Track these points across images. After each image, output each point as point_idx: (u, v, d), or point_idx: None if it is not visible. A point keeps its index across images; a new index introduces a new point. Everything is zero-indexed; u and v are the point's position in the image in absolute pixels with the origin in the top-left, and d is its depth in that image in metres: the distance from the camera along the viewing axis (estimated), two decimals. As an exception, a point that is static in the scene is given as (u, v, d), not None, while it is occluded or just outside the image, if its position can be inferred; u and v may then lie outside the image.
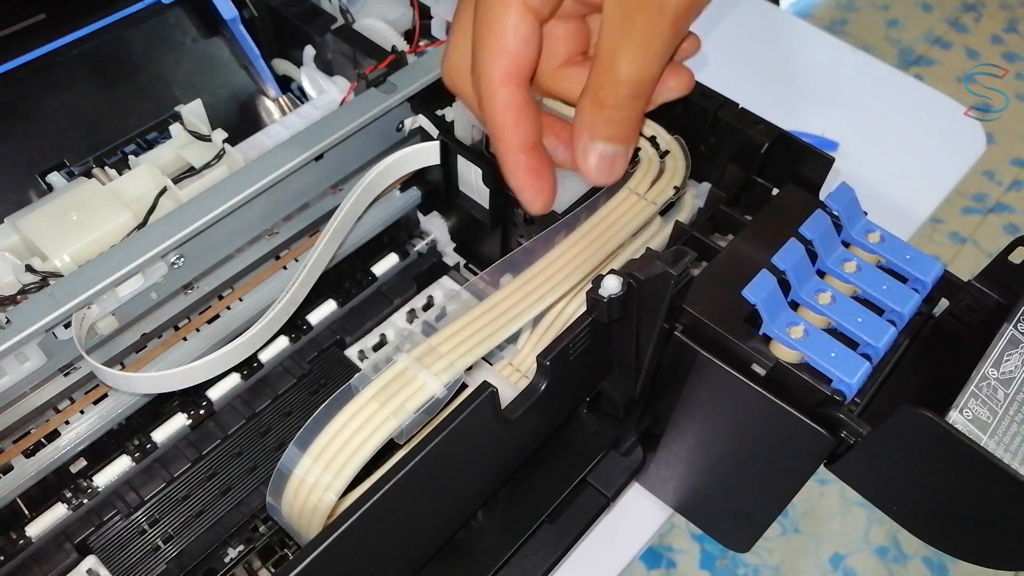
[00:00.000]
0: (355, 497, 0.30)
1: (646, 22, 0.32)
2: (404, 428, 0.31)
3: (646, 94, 0.34)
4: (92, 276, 0.36)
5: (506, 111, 0.35)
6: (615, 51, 0.33)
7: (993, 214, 1.58)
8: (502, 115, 0.35)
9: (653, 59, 0.33)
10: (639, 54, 0.32)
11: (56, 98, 0.48)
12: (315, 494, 0.30)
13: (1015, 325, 0.32)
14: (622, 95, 0.33)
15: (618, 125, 0.34)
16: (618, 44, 0.33)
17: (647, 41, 0.32)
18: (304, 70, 0.51)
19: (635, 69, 0.33)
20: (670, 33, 0.32)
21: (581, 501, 0.41)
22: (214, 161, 0.43)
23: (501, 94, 0.35)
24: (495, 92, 0.35)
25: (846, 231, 0.36)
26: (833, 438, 0.31)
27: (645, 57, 0.33)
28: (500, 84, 0.35)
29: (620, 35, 0.32)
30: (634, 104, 0.34)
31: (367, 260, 0.48)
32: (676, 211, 0.41)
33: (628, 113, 0.34)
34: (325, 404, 0.31)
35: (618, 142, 0.35)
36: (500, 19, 0.34)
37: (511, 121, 0.35)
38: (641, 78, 0.33)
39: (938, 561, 1.15)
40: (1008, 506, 0.29)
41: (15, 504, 0.38)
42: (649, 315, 0.33)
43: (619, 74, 0.33)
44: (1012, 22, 1.90)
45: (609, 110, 0.34)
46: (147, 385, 0.37)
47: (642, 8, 0.31)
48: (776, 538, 1.17)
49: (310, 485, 0.30)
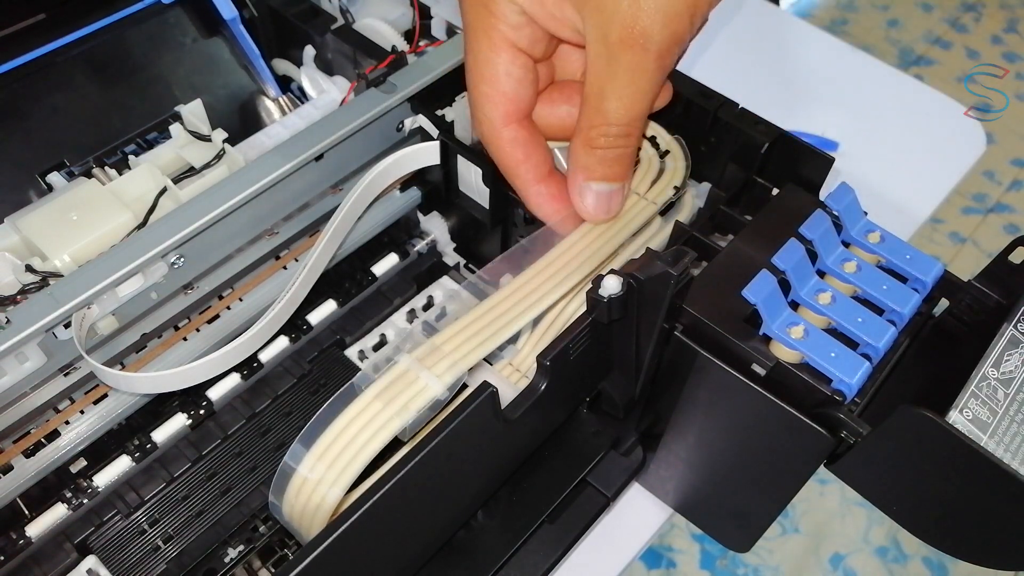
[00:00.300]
0: (355, 497, 0.30)
1: (631, 60, 0.31)
2: (408, 426, 0.31)
3: (638, 131, 0.34)
4: (92, 276, 0.36)
5: (515, 149, 0.35)
6: (603, 91, 0.33)
7: (993, 214, 1.58)
8: (511, 154, 0.36)
9: (641, 97, 0.33)
10: (626, 93, 0.32)
11: (56, 98, 0.48)
12: (318, 493, 0.30)
13: (1015, 325, 0.32)
14: (613, 135, 0.33)
15: (611, 164, 0.34)
16: (605, 84, 0.32)
17: (633, 80, 0.32)
18: (304, 70, 0.51)
19: (624, 108, 0.33)
20: (656, 69, 0.32)
21: (581, 501, 0.41)
22: (214, 161, 0.43)
23: (506, 135, 0.35)
24: (499, 135, 0.35)
25: (846, 231, 0.36)
26: (833, 438, 0.31)
27: (632, 96, 0.32)
28: (503, 126, 0.35)
29: (606, 75, 0.32)
30: (626, 142, 0.34)
31: (367, 260, 0.48)
32: (676, 211, 0.41)
33: (621, 152, 0.34)
34: (328, 402, 0.31)
35: (613, 180, 0.35)
36: (492, 63, 0.34)
37: (522, 157, 0.36)
38: (631, 117, 0.33)
39: (938, 561, 1.15)
40: (1008, 506, 0.29)
41: (15, 504, 0.38)
42: (649, 315, 0.33)
43: (608, 114, 0.33)
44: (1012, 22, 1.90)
45: (601, 151, 0.34)
46: (147, 385, 0.37)
47: (626, 47, 0.31)
48: (776, 538, 1.17)
49: (314, 484, 0.30)
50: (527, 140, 0.36)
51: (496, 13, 0.33)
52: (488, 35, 0.33)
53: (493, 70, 0.34)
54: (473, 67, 0.35)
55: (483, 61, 0.34)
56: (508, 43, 0.33)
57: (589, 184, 0.35)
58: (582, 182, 0.35)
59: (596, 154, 0.34)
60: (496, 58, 0.34)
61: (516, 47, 0.34)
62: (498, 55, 0.34)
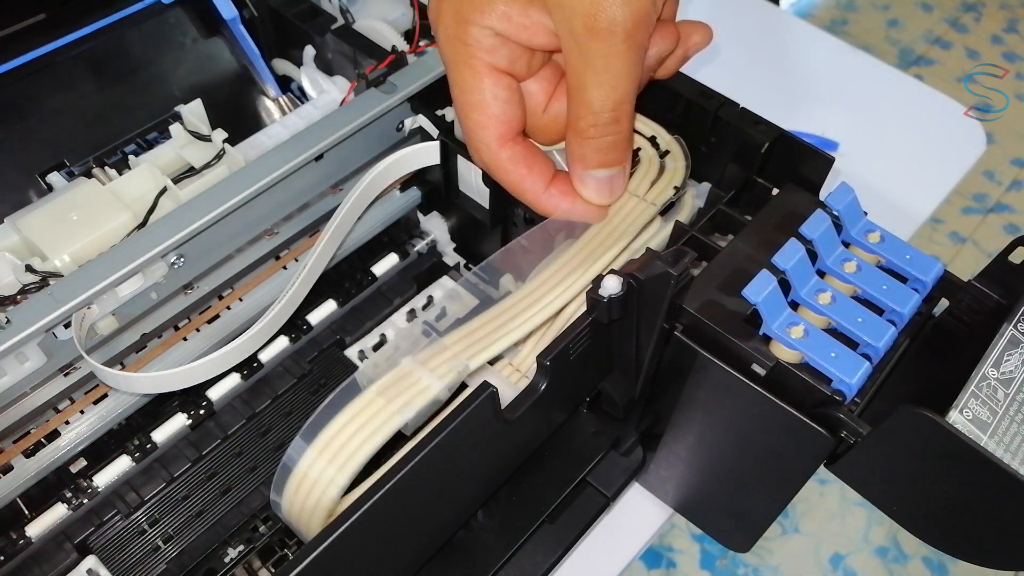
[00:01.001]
0: (356, 496, 0.30)
1: (600, 48, 0.32)
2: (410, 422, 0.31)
3: (626, 115, 0.34)
4: (92, 276, 0.36)
5: (516, 166, 0.36)
6: (582, 82, 0.33)
7: (993, 214, 1.58)
8: (515, 171, 0.36)
9: (620, 81, 0.33)
10: (604, 80, 0.33)
11: (56, 98, 0.48)
12: (319, 487, 0.30)
13: (1015, 325, 0.32)
14: (602, 123, 0.34)
15: (606, 151, 0.35)
16: (583, 75, 0.33)
17: (608, 66, 0.32)
18: (304, 70, 0.51)
19: (605, 95, 0.33)
20: (627, 50, 0.32)
21: (581, 501, 0.41)
22: (214, 161, 0.43)
23: (504, 156, 0.36)
24: (498, 157, 0.36)
25: (846, 231, 0.36)
26: (833, 438, 0.31)
27: (611, 81, 0.33)
28: (499, 148, 0.36)
29: (582, 67, 0.33)
30: (616, 128, 0.34)
31: (367, 260, 0.48)
32: (676, 211, 0.41)
33: (613, 139, 0.35)
34: (330, 398, 0.31)
35: (610, 166, 0.36)
36: (478, 91, 0.35)
37: (525, 171, 0.36)
38: (615, 102, 0.33)
39: (938, 561, 1.15)
40: (1008, 506, 0.29)
41: (15, 504, 0.38)
42: (649, 315, 0.33)
43: (592, 104, 0.33)
44: (1012, 22, 1.90)
45: (593, 140, 0.34)
46: (147, 385, 0.37)
47: (593, 35, 0.31)
48: (776, 538, 1.17)
49: (314, 478, 0.30)
50: (525, 154, 0.36)
51: (470, 43, 0.34)
52: (469, 64, 0.34)
53: (480, 96, 0.35)
54: (460, 98, 0.36)
55: (469, 90, 0.35)
56: (488, 68, 0.34)
57: (588, 173, 0.36)
58: (581, 172, 0.36)
59: (589, 144, 0.35)
60: (480, 84, 0.35)
61: (496, 69, 0.35)
62: (481, 81, 0.35)
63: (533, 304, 0.35)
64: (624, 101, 0.34)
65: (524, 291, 0.36)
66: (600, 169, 0.35)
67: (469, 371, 0.33)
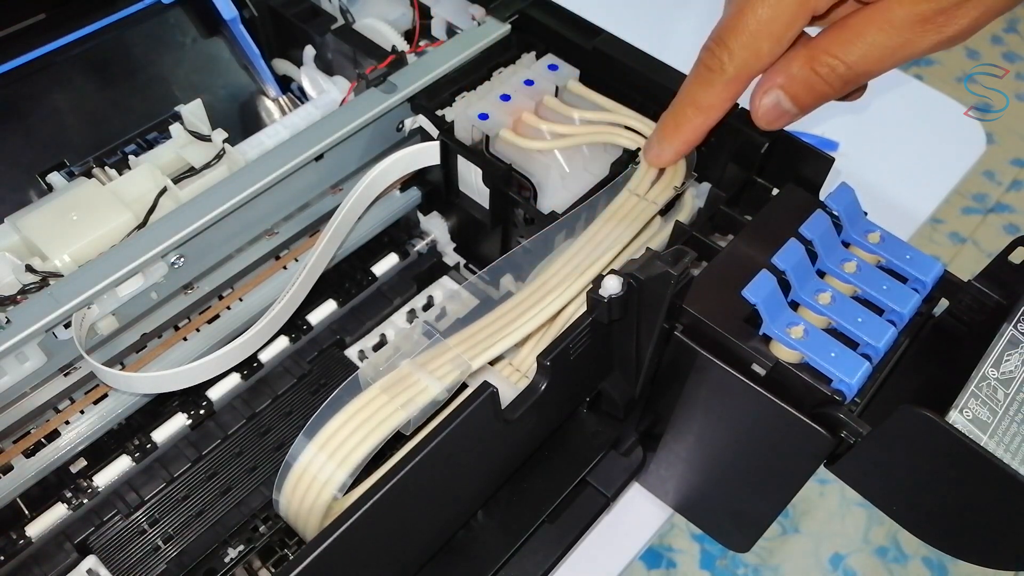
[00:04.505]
0: (355, 497, 0.30)
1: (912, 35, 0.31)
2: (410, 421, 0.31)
3: (852, 85, 0.33)
4: (92, 276, 0.36)
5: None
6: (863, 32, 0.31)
7: (993, 214, 1.58)
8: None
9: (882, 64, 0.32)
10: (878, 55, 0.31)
11: (56, 98, 0.48)
12: (318, 482, 0.30)
13: (1015, 325, 0.32)
14: (837, 73, 0.32)
15: (808, 91, 0.34)
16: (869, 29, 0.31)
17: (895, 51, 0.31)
18: (304, 70, 0.51)
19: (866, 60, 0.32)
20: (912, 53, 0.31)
21: (581, 501, 0.41)
22: (214, 161, 0.43)
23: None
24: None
25: (846, 231, 0.36)
26: (833, 438, 0.31)
27: (881, 59, 0.32)
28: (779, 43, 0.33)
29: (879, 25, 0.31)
30: (836, 87, 0.33)
31: (367, 260, 0.48)
32: (676, 211, 0.41)
33: (826, 89, 0.33)
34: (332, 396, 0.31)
35: (797, 106, 0.34)
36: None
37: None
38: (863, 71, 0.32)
39: (938, 561, 1.15)
40: (1008, 506, 0.29)
41: (15, 504, 0.38)
42: (649, 315, 0.33)
43: (849, 53, 0.32)
44: (1012, 22, 1.90)
45: (815, 76, 0.33)
46: (147, 385, 0.37)
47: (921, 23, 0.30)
48: (776, 538, 1.17)
49: (313, 474, 0.30)
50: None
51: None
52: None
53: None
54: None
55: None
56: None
57: (777, 91, 0.34)
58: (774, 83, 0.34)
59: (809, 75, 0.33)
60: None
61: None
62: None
63: (534, 305, 0.35)
64: (863, 77, 0.33)
65: (524, 292, 0.36)
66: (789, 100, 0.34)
67: (470, 371, 0.33)
